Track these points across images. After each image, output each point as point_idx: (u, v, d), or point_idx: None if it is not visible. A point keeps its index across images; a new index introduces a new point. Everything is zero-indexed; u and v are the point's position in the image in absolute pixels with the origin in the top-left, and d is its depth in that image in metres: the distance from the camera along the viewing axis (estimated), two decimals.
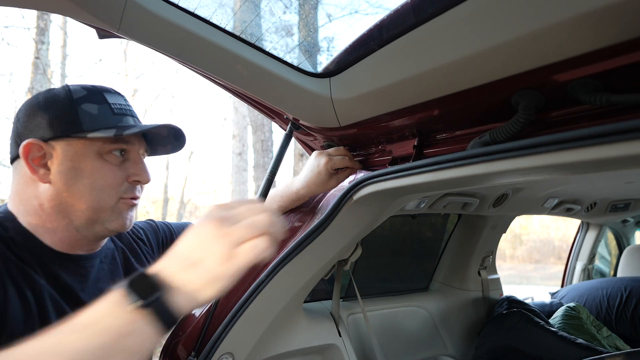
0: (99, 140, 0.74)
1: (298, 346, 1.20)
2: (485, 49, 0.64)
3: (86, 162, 0.73)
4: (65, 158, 0.72)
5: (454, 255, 1.94)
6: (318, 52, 1.01)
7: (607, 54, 0.56)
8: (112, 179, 0.75)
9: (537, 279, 13.30)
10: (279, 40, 0.97)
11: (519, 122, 0.69)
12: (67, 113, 0.73)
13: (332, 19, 0.99)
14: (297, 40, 1.00)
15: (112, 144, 0.76)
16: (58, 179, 0.72)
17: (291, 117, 1.05)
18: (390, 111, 0.87)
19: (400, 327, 1.67)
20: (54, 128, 0.72)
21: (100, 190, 0.74)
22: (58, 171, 0.72)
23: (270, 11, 0.95)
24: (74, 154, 0.73)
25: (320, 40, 1.03)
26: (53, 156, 0.72)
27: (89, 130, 0.73)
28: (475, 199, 1.49)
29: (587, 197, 1.95)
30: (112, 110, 0.77)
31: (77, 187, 0.72)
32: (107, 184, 0.75)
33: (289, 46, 0.98)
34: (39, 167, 0.72)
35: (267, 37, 0.96)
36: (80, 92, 0.76)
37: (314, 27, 1.02)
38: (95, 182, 0.73)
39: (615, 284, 2.08)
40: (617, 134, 0.54)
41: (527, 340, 1.50)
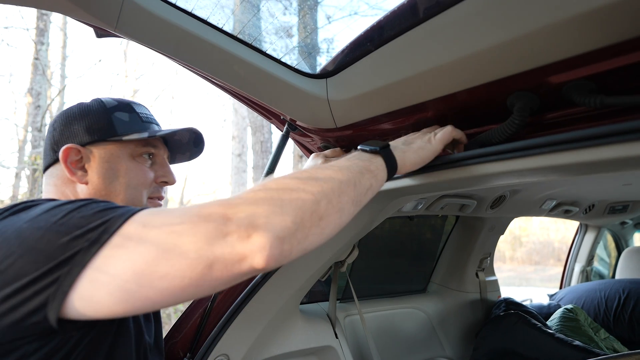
0: (132, 143, 0.80)
1: (294, 348, 1.20)
2: (480, 50, 0.64)
3: (121, 163, 0.79)
4: (102, 160, 0.78)
5: (451, 257, 1.94)
6: (315, 53, 1.01)
7: (601, 55, 0.56)
8: (143, 179, 0.81)
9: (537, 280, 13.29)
10: (276, 40, 0.97)
11: (514, 123, 0.69)
12: (103, 120, 0.79)
13: (331, 20, 0.99)
14: (294, 41, 1.00)
15: (143, 148, 0.82)
16: (96, 178, 0.77)
17: (288, 118, 1.05)
18: (386, 112, 0.87)
19: (397, 329, 1.67)
20: (92, 133, 0.78)
21: (134, 189, 0.80)
22: (96, 172, 0.77)
23: (268, 12, 0.95)
24: (110, 156, 0.79)
25: (317, 41, 1.03)
26: (90, 159, 0.78)
27: (123, 134, 0.79)
28: (472, 200, 1.49)
29: (585, 199, 1.95)
30: (140, 119, 0.84)
31: (114, 185, 0.78)
32: (140, 182, 0.80)
33: (286, 47, 0.98)
34: (76, 169, 0.77)
35: (264, 37, 0.96)
36: (112, 102, 0.83)
37: (311, 27, 1.02)
38: (129, 181, 0.79)
39: (613, 286, 2.07)
40: (612, 136, 0.54)
41: (525, 342, 1.49)
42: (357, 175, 0.61)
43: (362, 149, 0.70)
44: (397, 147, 0.72)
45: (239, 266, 0.47)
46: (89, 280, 0.48)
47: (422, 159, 0.73)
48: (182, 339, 1.03)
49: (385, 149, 0.69)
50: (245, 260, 0.47)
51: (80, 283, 0.48)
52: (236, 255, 0.47)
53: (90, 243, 0.49)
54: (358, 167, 0.63)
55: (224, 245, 0.47)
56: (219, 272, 0.47)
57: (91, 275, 0.48)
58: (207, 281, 0.47)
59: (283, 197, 0.51)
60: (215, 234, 0.47)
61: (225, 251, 0.47)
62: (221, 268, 0.47)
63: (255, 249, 0.47)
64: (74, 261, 0.48)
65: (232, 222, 0.48)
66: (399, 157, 0.70)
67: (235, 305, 1.01)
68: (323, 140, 1.11)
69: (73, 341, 0.55)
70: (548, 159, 0.61)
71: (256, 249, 0.47)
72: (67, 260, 0.48)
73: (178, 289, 0.47)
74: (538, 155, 0.63)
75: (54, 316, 0.48)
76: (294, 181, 0.55)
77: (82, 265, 0.48)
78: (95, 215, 0.52)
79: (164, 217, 0.50)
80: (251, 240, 0.47)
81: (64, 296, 0.47)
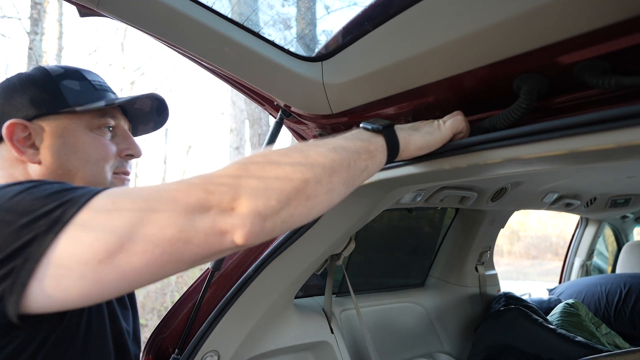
0: (87, 114, 0.73)
1: (288, 343, 1.16)
2: (485, 27, 0.59)
3: (77, 137, 0.71)
4: (55, 135, 0.70)
5: (450, 251, 1.90)
6: (310, 34, 0.96)
7: (616, 32, 0.52)
8: (105, 152, 0.74)
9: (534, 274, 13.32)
10: (269, 21, 0.92)
11: (520, 108, 0.64)
12: (50, 90, 0.71)
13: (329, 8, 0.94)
14: (288, 21, 0.95)
15: (100, 119, 0.74)
16: (49, 156, 0.69)
17: (282, 104, 1.01)
18: (385, 97, 0.82)
19: (394, 323, 1.64)
20: (38, 106, 0.70)
21: (94, 164, 0.72)
22: (49, 149, 0.69)
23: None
24: (64, 130, 0.71)
25: (313, 22, 0.98)
26: (41, 135, 0.69)
27: (75, 104, 0.71)
28: (473, 192, 1.45)
29: (587, 192, 1.92)
30: (93, 86, 0.76)
31: (72, 162, 0.70)
32: (101, 157, 0.73)
33: (280, 28, 0.93)
34: (25, 147, 0.69)
35: (256, 17, 0.91)
36: (58, 70, 0.74)
37: (306, 6, 0.97)
38: (89, 155, 0.72)
39: (614, 280, 2.05)
40: (629, 119, 0.50)
41: (525, 337, 1.46)
42: (352, 154, 0.58)
43: (363, 127, 0.66)
44: (402, 128, 0.67)
45: (219, 241, 0.46)
46: (53, 268, 0.43)
47: (429, 144, 0.68)
48: (171, 334, 0.99)
49: (388, 129, 0.65)
50: (225, 235, 0.46)
51: (41, 272, 0.43)
52: (217, 229, 0.45)
53: (48, 227, 0.44)
54: (355, 146, 0.59)
55: (205, 219, 0.45)
56: (198, 247, 0.45)
57: (54, 262, 0.43)
58: (186, 256, 0.45)
59: (269, 173, 0.49)
60: (196, 207, 0.45)
61: (206, 225, 0.45)
62: (201, 243, 0.45)
63: (237, 224, 0.45)
64: (30, 249, 0.43)
65: (214, 196, 0.46)
66: (403, 139, 0.66)
67: (226, 299, 0.97)
68: (319, 128, 1.07)
69: (42, 336, 0.51)
70: (557, 145, 0.57)
71: (237, 224, 0.45)
72: (22, 249, 0.43)
73: (157, 265, 0.44)
74: (546, 140, 0.58)
75: (14, 311, 0.44)
76: (283, 156, 0.52)
77: (40, 252, 0.43)
78: (51, 196, 0.47)
79: (137, 192, 0.47)
80: (233, 215, 0.45)
81: (22, 289, 0.43)
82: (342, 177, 0.55)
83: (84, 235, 0.44)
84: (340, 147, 0.57)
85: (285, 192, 0.48)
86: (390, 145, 0.64)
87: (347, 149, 0.57)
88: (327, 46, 0.89)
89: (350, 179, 0.57)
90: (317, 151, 0.54)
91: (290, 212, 0.49)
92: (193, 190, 0.46)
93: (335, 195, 0.55)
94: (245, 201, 0.46)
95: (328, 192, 0.53)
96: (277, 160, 0.51)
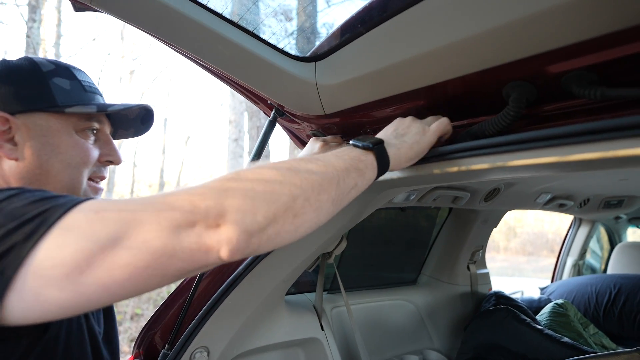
0: (74, 116, 0.70)
1: (279, 339, 1.17)
2: (476, 34, 0.60)
3: (61, 138, 0.69)
4: (38, 133, 0.67)
5: (443, 249, 1.92)
6: (304, 34, 0.96)
7: (604, 43, 0.52)
8: (87, 157, 0.72)
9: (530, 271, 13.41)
10: (263, 20, 0.92)
11: (509, 115, 0.65)
12: (39, 86, 0.68)
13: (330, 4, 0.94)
14: (283, 21, 0.95)
15: (87, 122, 0.72)
16: (29, 155, 0.66)
17: (275, 103, 1.01)
18: (377, 99, 0.83)
19: (385, 321, 1.65)
20: (24, 101, 0.67)
21: (74, 168, 0.70)
22: (29, 147, 0.66)
23: None
24: (48, 129, 0.68)
25: (308, 22, 0.98)
26: (22, 131, 0.66)
27: (65, 105, 0.69)
28: (466, 192, 1.46)
29: (581, 193, 1.93)
30: (83, 87, 0.73)
31: (52, 163, 0.68)
32: (83, 161, 0.71)
33: (274, 27, 0.93)
34: (4, 141, 0.66)
35: (251, 16, 0.90)
36: (48, 65, 0.71)
37: (300, 7, 0.96)
38: (71, 159, 0.69)
39: (604, 280, 2.07)
40: (614, 131, 0.50)
41: (513, 337, 1.48)
42: (342, 172, 0.57)
43: (353, 144, 0.65)
44: (390, 143, 0.67)
45: (205, 257, 0.45)
46: (31, 279, 0.41)
47: (417, 154, 0.69)
48: (162, 330, 1.00)
49: (378, 146, 0.64)
50: (210, 252, 0.45)
51: (19, 283, 0.41)
52: (202, 245, 0.45)
53: (26, 236, 0.42)
54: (345, 163, 0.59)
55: (191, 235, 0.44)
56: (183, 262, 0.44)
57: (32, 273, 0.41)
58: (170, 271, 0.44)
59: (257, 189, 0.48)
60: (182, 222, 0.44)
61: (191, 240, 0.44)
62: (186, 258, 0.44)
63: (222, 241, 0.45)
64: (7, 259, 0.41)
65: (200, 211, 0.45)
66: (393, 154, 0.66)
67: (217, 296, 0.98)
68: (312, 128, 1.07)
69: (24, 346, 0.50)
70: (544, 154, 0.58)
71: (223, 240, 0.45)
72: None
73: (140, 278, 0.43)
74: (533, 149, 0.59)
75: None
76: (271, 172, 0.51)
77: (18, 262, 0.41)
78: (31, 205, 0.45)
79: (121, 203, 0.46)
80: (219, 232, 0.45)
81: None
82: (331, 196, 0.55)
83: (65, 245, 0.42)
84: (329, 165, 0.57)
85: (273, 209, 0.48)
86: (380, 163, 0.64)
87: (336, 167, 0.57)
88: (321, 47, 0.89)
89: (339, 197, 0.57)
90: (306, 168, 0.54)
91: (277, 230, 0.48)
92: (179, 205, 0.45)
93: (323, 213, 0.54)
94: (232, 217, 0.45)
95: (316, 211, 0.53)
96: (265, 177, 0.50)
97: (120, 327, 4.99)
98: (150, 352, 1.00)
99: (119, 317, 5.14)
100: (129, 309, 5.17)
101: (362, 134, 1.03)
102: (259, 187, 0.48)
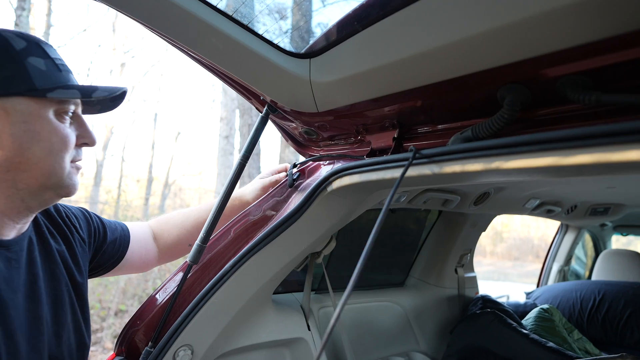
0: (53, 100, 0.67)
1: (264, 339, 1.16)
2: (472, 35, 0.59)
3: (42, 124, 0.66)
4: (18, 119, 0.64)
5: (432, 252, 1.92)
6: (300, 30, 0.95)
7: (599, 48, 0.52)
8: (67, 142, 0.69)
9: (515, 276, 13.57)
10: (258, 14, 0.90)
11: (503, 118, 0.65)
12: (14, 68, 0.64)
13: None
14: (279, 16, 0.94)
15: (64, 105, 0.69)
16: (9, 143, 0.63)
17: (268, 99, 0.99)
18: (370, 98, 0.82)
19: (372, 322, 1.65)
20: (1, 84, 0.63)
21: (56, 155, 0.68)
22: (9, 134, 0.63)
23: None
24: (29, 115, 0.65)
25: (303, 18, 0.97)
26: (1, 117, 0.63)
27: (44, 88, 0.65)
28: (456, 196, 1.46)
29: (569, 199, 1.94)
30: (57, 67, 0.70)
31: (33, 151, 0.65)
32: (64, 147, 0.68)
33: (269, 22, 0.92)
34: None
35: (246, 10, 0.89)
36: (20, 42, 0.66)
37: (298, 2, 0.95)
38: (52, 145, 0.67)
39: (589, 287, 2.09)
40: (607, 137, 0.50)
41: (498, 341, 1.49)
42: None
43: None
44: None
45: None
46: None
47: None
48: (145, 327, 0.98)
49: None
50: None
51: None
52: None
53: None
54: None
55: None
56: None
57: None
58: None
59: None
60: None
61: None
62: None
63: None
64: None
65: None
66: None
67: (203, 293, 0.96)
68: (304, 125, 1.06)
69: None
70: (537, 159, 0.57)
71: None
72: None
73: None
74: (526, 153, 0.58)
75: None
76: None
77: None
78: None
79: None
80: None
81: None
82: None
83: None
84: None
85: None
86: None
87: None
88: (316, 43, 0.87)
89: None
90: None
91: None
92: None
93: None
94: None
95: None
96: None
97: (103, 323, 4.91)
98: (133, 350, 0.97)
99: (102, 313, 5.06)
100: (113, 304, 5.10)
101: (354, 133, 1.02)
102: None
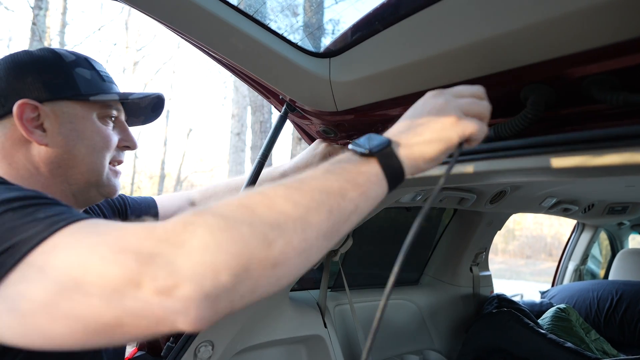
0: (96, 104, 0.75)
1: (282, 336, 1.17)
2: (495, 35, 0.59)
3: (86, 125, 0.74)
4: (66, 120, 0.71)
5: (447, 250, 1.91)
6: (319, 30, 0.95)
7: (627, 48, 0.51)
8: (109, 142, 0.76)
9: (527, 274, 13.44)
10: (278, 14, 0.91)
11: (526, 117, 0.64)
12: (63, 76, 0.72)
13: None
14: (298, 16, 0.94)
15: (107, 109, 0.77)
16: (59, 140, 0.71)
17: (287, 98, 1.00)
18: (390, 98, 0.82)
19: (387, 320, 1.65)
20: (51, 90, 0.70)
21: (99, 152, 0.75)
22: (58, 133, 0.71)
23: None
24: (75, 116, 0.72)
25: (323, 18, 0.97)
26: (51, 118, 0.70)
27: (88, 94, 0.73)
28: (472, 194, 1.45)
29: (586, 198, 1.92)
30: (101, 77, 0.78)
31: (79, 148, 0.72)
32: (106, 146, 0.76)
33: (289, 22, 0.92)
34: (34, 128, 0.69)
35: (266, 10, 0.90)
36: (70, 56, 0.75)
37: (318, 2, 0.95)
38: (95, 144, 0.74)
39: (606, 287, 2.06)
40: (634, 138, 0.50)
41: (515, 341, 1.48)
42: (335, 197, 0.44)
43: (352, 149, 0.51)
44: (401, 142, 0.51)
45: (156, 327, 0.36)
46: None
47: (441, 152, 0.52)
48: None
49: (382, 150, 0.49)
50: (163, 322, 0.36)
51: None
52: (151, 314, 0.35)
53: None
54: (339, 182, 0.45)
55: (136, 299, 0.35)
56: (132, 328, 0.36)
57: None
58: (116, 337, 0.37)
59: (218, 237, 0.37)
60: (125, 280, 0.35)
61: (136, 306, 0.35)
62: (134, 324, 0.36)
63: (178, 310, 0.35)
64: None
65: (148, 268, 0.35)
66: (406, 156, 0.50)
67: None
68: (323, 124, 1.06)
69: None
70: (561, 159, 0.57)
71: (178, 309, 0.35)
72: None
73: (81, 340, 0.37)
74: (551, 153, 0.58)
75: None
76: (239, 211, 0.40)
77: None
78: (6, 233, 0.41)
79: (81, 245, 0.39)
80: (172, 297, 0.35)
81: None
82: (322, 230, 0.42)
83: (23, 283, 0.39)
84: (316, 190, 0.44)
85: (242, 261, 0.37)
86: (389, 172, 0.49)
87: (327, 190, 0.44)
88: (336, 43, 0.88)
89: (333, 228, 0.44)
90: (286, 197, 0.42)
91: (252, 286, 0.38)
92: (127, 255, 0.36)
93: (313, 253, 0.42)
94: (189, 278, 0.35)
95: (302, 253, 0.41)
96: (230, 216, 0.39)
97: None
98: (155, 345, 0.99)
99: None
100: None
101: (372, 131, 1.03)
102: (222, 233, 0.37)
